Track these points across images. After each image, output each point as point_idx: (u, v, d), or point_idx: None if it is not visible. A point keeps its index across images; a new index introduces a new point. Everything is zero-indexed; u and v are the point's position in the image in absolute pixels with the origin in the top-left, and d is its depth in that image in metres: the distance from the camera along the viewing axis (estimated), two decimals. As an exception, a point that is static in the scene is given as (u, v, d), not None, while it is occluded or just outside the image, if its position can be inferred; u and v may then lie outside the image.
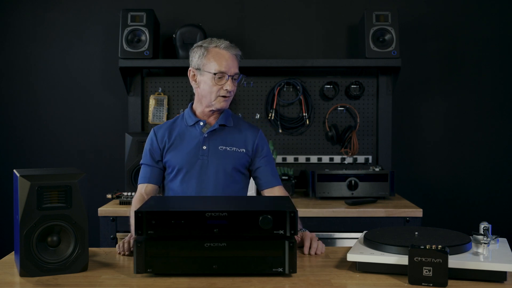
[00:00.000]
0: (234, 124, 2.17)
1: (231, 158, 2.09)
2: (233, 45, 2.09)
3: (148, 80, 3.50)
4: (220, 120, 2.13)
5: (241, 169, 2.13)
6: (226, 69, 2.03)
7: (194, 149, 2.10)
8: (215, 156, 2.09)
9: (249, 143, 2.14)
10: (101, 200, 3.09)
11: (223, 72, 2.03)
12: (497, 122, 3.53)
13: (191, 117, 2.15)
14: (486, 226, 1.57)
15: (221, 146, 2.10)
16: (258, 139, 2.15)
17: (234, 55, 2.07)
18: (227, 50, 2.05)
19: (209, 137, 2.11)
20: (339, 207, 2.85)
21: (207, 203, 1.71)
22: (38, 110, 3.54)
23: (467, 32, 3.52)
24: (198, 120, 2.13)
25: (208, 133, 2.11)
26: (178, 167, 2.09)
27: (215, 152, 2.09)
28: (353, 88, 3.45)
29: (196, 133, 2.12)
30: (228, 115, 2.16)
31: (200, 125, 2.13)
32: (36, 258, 1.51)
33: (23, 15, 3.51)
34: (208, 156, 2.08)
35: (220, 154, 2.09)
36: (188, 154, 2.09)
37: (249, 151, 2.13)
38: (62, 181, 1.53)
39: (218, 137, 2.11)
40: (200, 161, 2.08)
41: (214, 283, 1.44)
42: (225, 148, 2.10)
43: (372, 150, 3.51)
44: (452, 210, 3.55)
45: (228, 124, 2.14)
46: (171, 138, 2.13)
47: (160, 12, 3.44)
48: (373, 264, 1.49)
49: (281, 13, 3.55)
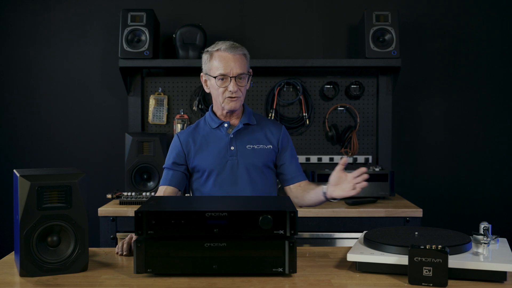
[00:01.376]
0: (257, 122, 2.20)
1: (260, 155, 2.13)
2: (237, 45, 2.09)
3: (148, 80, 3.50)
4: (243, 119, 2.15)
5: (270, 165, 2.17)
6: (227, 70, 2.04)
7: (222, 150, 2.12)
8: (244, 155, 2.11)
9: (274, 139, 2.17)
10: (101, 200, 3.09)
11: (224, 74, 2.04)
12: (497, 122, 3.53)
13: (213, 119, 2.17)
14: (486, 226, 1.57)
15: (248, 145, 2.13)
16: (282, 135, 2.20)
17: (238, 55, 2.06)
18: (228, 52, 2.05)
19: (235, 137, 2.13)
20: (339, 207, 2.85)
21: (207, 203, 1.71)
22: (38, 110, 3.54)
23: (467, 32, 3.52)
24: (222, 122, 2.15)
25: (234, 134, 2.13)
26: (208, 170, 2.11)
27: (244, 151, 2.12)
28: (353, 88, 3.45)
29: (221, 134, 2.14)
30: (250, 114, 2.19)
31: (225, 126, 2.15)
32: (36, 258, 1.51)
33: (23, 15, 3.51)
34: (237, 156, 2.11)
35: (249, 153, 2.12)
36: (217, 156, 2.11)
37: (275, 147, 2.17)
38: (62, 181, 1.53)
39: (244, 136, 2.14)
40: (230, 162, 2.10)
41: (214, 283, 1.44)
42: (253, 147, 2.13)
43: (372, 150, 3.51)
44: (452, 210, 3.55)
45: (252, 123, 2.17)
46: (196, 142, 2.15)
47: (160, 12, 3.44)
48: (373, 264, 1.49)
49: (281, 13, 3.55)
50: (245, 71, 2.08)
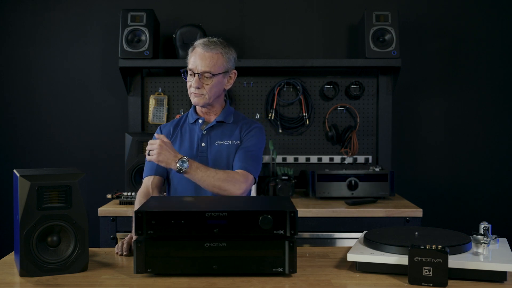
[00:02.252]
0: (234, 121, 2.18)
1: (227, 151, 2.11)
2: (215, 42, 2.07)
3: (148, 80, 3.50)
4: (219, 117, 2.15)
5: None
6: (193, 66, 2.06)
7: (193, 146, 2.13)
8: (213, 151, 2.11)
9: (243, 133, 2.14)
10: (101, 200, 3.08)
11: (190, 69, 2.07)
12: (497, 122, 3.53)
13: (192, 114, 2.18)
14: (486, 226, 1.57)
15: (217, 142, 2.12)
16: (248, 129, 2.15)
17: (211, 53, 2.05)
18: (201, 48, 2.06)
19: (207, 134, 2.13)
20: (339, 207, 2.85)
21: (207, 203, 1.71)
22: (38, 110, 3.54)
23: (467, 32, 3.52)
24: (197, 118, 2.16)
25: (207, 130, 2.13)
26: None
27: (213, 148, 2.11)
28: (353, 88, 3.45)
29: (196, 130, 2.15)
30: (229, 113, 2.17)
31: (199, 122, 2.16)
32: (36, 258, 1.51)
33: (23, 15, 3.51)
34: (206, 153, 2.11)
35: (217, 149, 2.11)
36: (188, 151, 2.12)
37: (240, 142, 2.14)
38: (62, 181, 1.53)
39: (216, 133, 2.13)
40: (199, 158, 2.09)
41: (214, 283, 1.44)
42: (221, 143, 2.12)
43: (372, 150, 3.51)
44: (452, 210, 3.54)
45: (227, 121, 2.16)
46: (174, 135, 2.17)
47: (160, 12, 3.44)
48: (373, 264, 1.49)
49: (281, 13, 3.55)
50: (213, 70, 2.04)
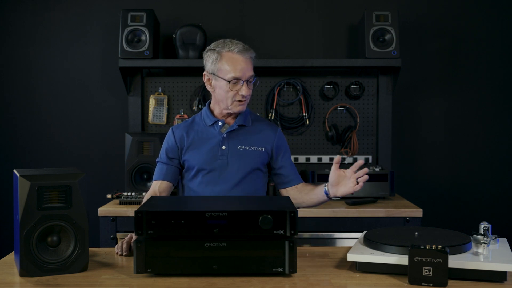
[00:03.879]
0: (253, 123, 2.16)
1: (251, 157, 2.10)
2: (247, 47, 2.07)
3: (148, 80, 3.50)
4: (238, 120, 2.12)
5: (261, 168, 2.14)
6: (241, 74, 2.01)
7: (213, 149, 2.10)
8: (235, 156, 2.09)
9: (268, 142, 2.14)
10: (101, 200, 3.08)
11: (237, 77, 2.01)
12: (497, 122, 3.53)
13: (209, 117, 2.15)
14: (486, 226, 1.57)
15: (240, 146, 2.10)
16: (277, 138, 2.16)
17: (249, 58, 2.05)
18: (241, 54, 2.03)
19: (228, 137, 2.11)
20: (339, 207, 2.85)
21: (207, 203, 1.71)
22: (38, 110, 3.54)
23: (467, 32, 3.52)
24: (216, 120, 2.13)
25: (227, 133, 2.11)
26: (197, 167, 2.09)
27: (235, 152, 2.09)
28: (353, 88, 3.45)
29: (215, 133, 2.12)
30: (246, 114, 2.16)
31: (219, 125, 2.13)
32: (36, 258, 1.51)
33: (23, 15, 3.51)
34: (227, 156, 2.09)
35: (240, 154, 2.09)
36: (208, 154, 2.09)
37: (268, 150, 2.14)
38: (62, 181, 1.53)
39: (237, 137, 2.11)
40: (219, 161, 2.08)
41: (214, 283, 1.44)
42: (245, 148, 2.10)
43: (372, 150, 3.51)
44: (452, 210, 3.55)
45: (247, 124, 2.14)
46: (189, 137, 2.13)
47: (160, 12, 3.44)
48: (373, 264, 1.49)
49: (281, 13, 3.55)
50: (253, 74, 2.07)
